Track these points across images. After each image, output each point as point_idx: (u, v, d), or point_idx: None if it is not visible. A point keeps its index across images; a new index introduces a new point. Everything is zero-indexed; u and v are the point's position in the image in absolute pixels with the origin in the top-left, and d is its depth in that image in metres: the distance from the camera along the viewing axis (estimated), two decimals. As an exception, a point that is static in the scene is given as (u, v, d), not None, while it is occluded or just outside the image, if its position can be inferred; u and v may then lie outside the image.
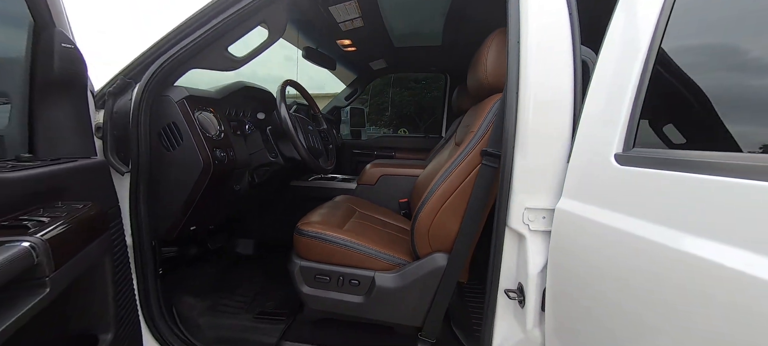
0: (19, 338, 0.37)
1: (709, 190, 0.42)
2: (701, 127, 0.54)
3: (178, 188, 0.95)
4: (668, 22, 0.54)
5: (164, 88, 0.92)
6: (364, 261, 1.01)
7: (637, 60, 0.57)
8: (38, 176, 0.51)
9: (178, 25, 0.87)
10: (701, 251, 0.40)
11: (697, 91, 0.53)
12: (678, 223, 0.45)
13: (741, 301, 0.36)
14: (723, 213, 0.40)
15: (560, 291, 0.67)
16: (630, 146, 0.56)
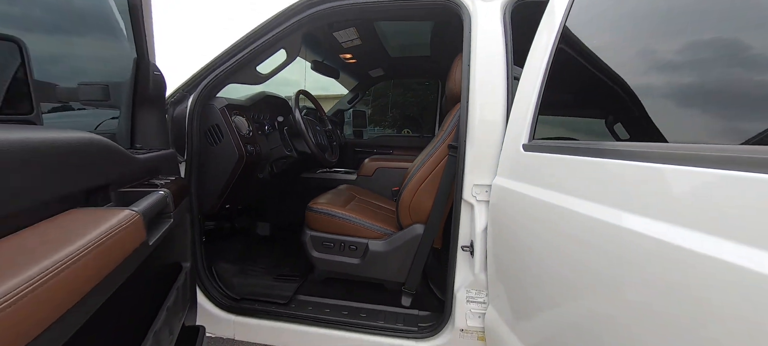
0: (154, 254, 0.66)
1: (572, 165, 0.68)
2: (571, 125, 0.82)
3: (218, 173, 1.25)
4: (554, 54, 0.82)
5: (210, 99, 1.22)
6: (360, 231, 1.30)
7: (538, 79, 0.85)
8: (150, 159, 0.80)
9: (221, 52, 1.17)
10: (574, 206, 0.62)
11: (569, 100, 0.81)
12: (557, 187, 0.71)
13: (590, 238, 0.59)
14: (583, 180, 0.65)
15: (495, 242, 0.95)
16: (531, 138, 0.84)
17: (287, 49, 1.25)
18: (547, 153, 0.77)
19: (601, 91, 0.74)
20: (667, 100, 0.57)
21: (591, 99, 0.77)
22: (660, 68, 0.61)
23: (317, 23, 1.19)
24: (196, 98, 1.15)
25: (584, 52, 0.76)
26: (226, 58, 1.16)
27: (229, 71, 1.17)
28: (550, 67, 0.82)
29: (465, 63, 1.02)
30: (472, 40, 1.02)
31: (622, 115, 0.69)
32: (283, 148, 1.51)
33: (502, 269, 0.92)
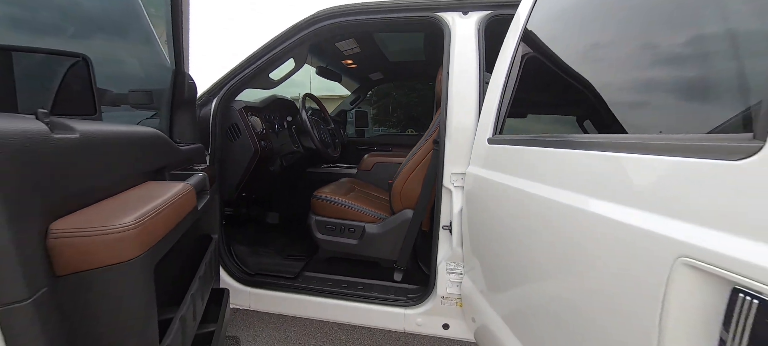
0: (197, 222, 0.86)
1: (521, 154, 0.87)
2: (528, 121, 1.01)
3: (236, 165, 1.46)
4: (512, 63, 1.01)
5: (230, 102, 1.43)
6: (357, 216, 1.50)
7: (500, 84, 1.03)
8: (188, 151, 1.01)
9: (239, 62, 1.37)
10: (524, 186, 0.81)
11: (525, 101, 0.99)
12: (512, 172, 0.90)
13: (532, 210, 0.80)
14: (528, 164, 0.84)
15: (468, 220, 1.14)
16: (495, 134, 1.03)
17: (295, 59, 1.45)
18: (504, 145, 0.96)
19: (548, 93, 0.92)
20: (595, 99, 0.76)
21: (540, 100, 0.96)
22: (591, 74, 0.79)
23: (321, 36, 1.39)
24: (218, 101, 1.36)
25: (536, 62, 0.95)
26: (244, 68, 1.36)
27: (246, 78, 1.38)
28: (509, 74, 1.01)
29: (444, 74, 1.21)
30: (450, 54, 1.21)
31: (566, 111, 0.88)
32: (291, 145, 1.72)
33: (474, 242, 1.11)
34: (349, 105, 3.00)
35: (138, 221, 0.45)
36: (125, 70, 1.23)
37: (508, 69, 1.01)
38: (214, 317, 1.05)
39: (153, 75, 1.21)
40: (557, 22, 0.91)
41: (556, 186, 0.70)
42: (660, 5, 0.62)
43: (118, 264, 0.42)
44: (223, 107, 1.38)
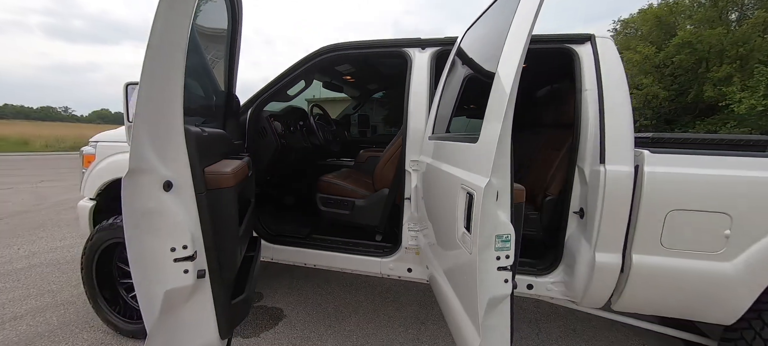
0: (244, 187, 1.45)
1: (435, 145, 1.42)
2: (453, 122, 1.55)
3: (264, 157, 2.04)
4: (442, 86, 1.55)
5: (260, 110, 2.01)
6: (350, 194, 2.06)
7: (436, 99, 1.57)
8: (238, 145, 1.60)
9: (265, 85, 1.96)
10: (435, 163, 1.41)
11: (448, 109, 1.53)
12: (433, 156, 1.45)
13: (438, 178, 1.36)
14: (437, 151, 1.40)
15: (419, 192, 1.68)
16: (430, 134, 1.56)
17: (305, 80, 2.03)
18: (432, 140, 1.50)
19: (455, 104, 1.46)
20: (466, 107, 1.30)
21: (452, 109, 1.49)
22: (466, 94, 1.33)
23: (324, 64, 1.96)
24: (252, 111, 1.95)
25: (451, 84, 1.49)
26: (268, 88, 1.95)
27: (270, 95, 1.97)
28: (440, 92, 1.55)
29: (406, 91, 1.76)
30: (411, 78, 1.76)
31: (459, 114, 1.42)
32: (302, 142, 2.30)
33: (422, 208, 1.65)
34: (351, 110, 3.57)
35: (232, 170, 1.02)
36: (197, 93, 1.84)
37: (441, 89, 1.55)
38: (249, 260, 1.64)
39: (213, 95, 1.82)
40: (460, 59, 1.45)
41: (443, 162, 1.25)
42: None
43: (225, 188, 0.98)
44: (255, 115, 1.97)
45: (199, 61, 1.52)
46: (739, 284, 1.38)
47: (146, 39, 0.78)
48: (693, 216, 1.38)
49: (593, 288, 1.53)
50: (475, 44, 1.44)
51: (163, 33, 0.76)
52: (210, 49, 1.69)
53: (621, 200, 1.44)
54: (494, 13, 1.37)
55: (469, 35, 1.56)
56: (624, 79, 1.52)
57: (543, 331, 2.28)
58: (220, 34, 1.59)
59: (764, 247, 1.34)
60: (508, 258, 0.86)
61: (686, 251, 1.41)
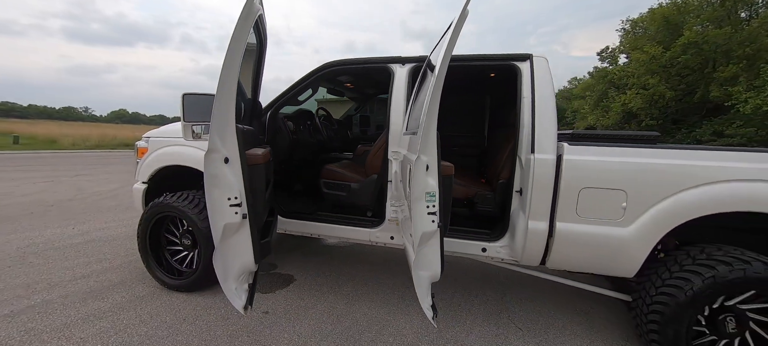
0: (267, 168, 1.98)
1: (407, 139, 1.93)
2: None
3: (279, 150, 2.58)
4: (414, 92, 2.04)
5: (277, 113, 2.55)
6: (346, 178, 2.57)
7: (409, 104, 2.07)
8: (261, 139, 2.12)
9: (280, 93, 2.49)
10: (403, 152, 1.90)
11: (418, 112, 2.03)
12: (406, 147, 1.95)
13: (407, 163, 1.86)
14: (405, 142, 1.90)
15: (398, 176, 2.18)
16: (404, 130, 2.06)
17: (312, 88, 2.55)
18: (405, 135, 2.00)
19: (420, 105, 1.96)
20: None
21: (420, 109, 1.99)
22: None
23: (326, 76, 2.47)
24: (270, 114, 2.48)
25: (421, 90, 1.98)
26: (283, 96, 2.48)
27: (284, 101, 2.50)
28: (413, 96, 2.04)
29: (389, 98, 2.26)
30: (393, 88, 2.26)
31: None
32: (309, 138, 2.82)
33: (399, 187, 2.15)
34: (353, 111, 4.09)
35: (263, 154, 1.53)
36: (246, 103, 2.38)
37: (413, 95, 2.05)
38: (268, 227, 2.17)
39: (244, 102, 2.36)
40: (424, 73, 1.94)
41: (408, 150, 1.74)
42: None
43: (258, 164, 1.50)
44: (272, 117, 2.51)
45: (244, 81, 2.05)
46: (634, 244, 1.83)
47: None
48: (599, 192, 1.84)
49: (528, 249, 2.00)
50: (432, 62, 1.94)
51: (229, 65, 1.29)
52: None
53: (546, 180, 1.91)
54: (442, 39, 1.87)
55: (433, 54, 2.05)
56: (551, 89, 1.99)
57: (507, 295, 2.75)
58: (250, 49, 2.13)
59: (651, 215, 1.79)
60: (434, 207, 1.34)
61: (595, 219, 1.87)
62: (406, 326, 2.26)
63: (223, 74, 1.27)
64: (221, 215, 1.33)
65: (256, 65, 2.09)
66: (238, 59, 1.29)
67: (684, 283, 1.72)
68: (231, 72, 1.28)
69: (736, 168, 1.69)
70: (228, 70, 1.27)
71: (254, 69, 2.13)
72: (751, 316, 1.75)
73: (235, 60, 1.28)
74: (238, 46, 1.29)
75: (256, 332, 2.13)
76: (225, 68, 1.26)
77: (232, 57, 1.28)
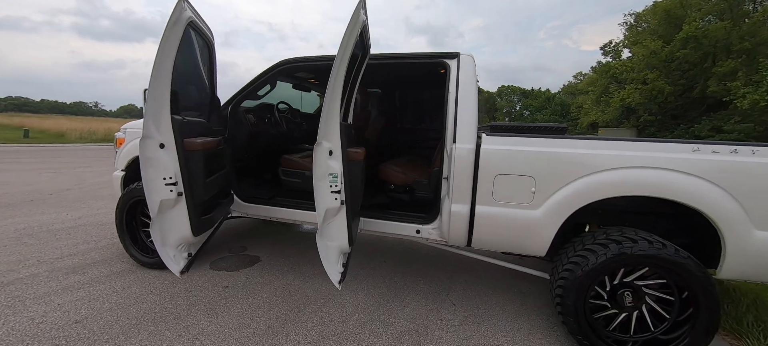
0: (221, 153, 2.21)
1: None
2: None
3: (241, 141, 2.82)
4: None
5: (237, 107, 2.78)
6: (302, 167, 2.80)
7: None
8: (218, 131, 2.36)
9: (241, 88, 2.72)
10: None
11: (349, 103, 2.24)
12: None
13: None
14: None
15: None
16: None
17: (270, 84, 2.77)
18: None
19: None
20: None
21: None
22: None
23: (285, 73, 2.69)
24: (231, 107, 2.72)
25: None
26: (242, 90, 2.71)
27: (244, 96, 2.73)
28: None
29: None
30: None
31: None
32: (270, 130, 3.06)
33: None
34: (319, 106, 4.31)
35: (201, 142, 1.77)
36: (192, 97, 2.62)
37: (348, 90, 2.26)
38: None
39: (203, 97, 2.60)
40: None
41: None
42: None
43: (195, 151, 1.73)
44: (233, 110, 2.74)
45: (193, 78, 2.28)
46: (543, 225, 2.04)
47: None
48: (511, 178, 2.05)
49: (452, 230, 2.21)
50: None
51: (159, 63, 1.51)
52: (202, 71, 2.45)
53: (466, 168, 2.11)
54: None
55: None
56: (473, 85, 2.18)
57: (454, 277, 2.97)
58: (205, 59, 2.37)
59: (556, 199, 1.99)
60: (337, 186, 1.57)
61: (509, 202, 2.08)
62: (348, 300, 2.49)
63: (155, 69, 1.49)
64: (157, 192, 1.57)
65: (209, 63, 2.32)
66: (169, 57, 1.50)
67: (582, 259, 1.92)
68: (163, 68, 1.50)
69: (626, 156, 1.88)
70: (160, 66, 1.49)
71: (208, 67, 2.36)
72: (646, 292, 1.95)
73: (166, 58, 1.50)
74: (169, 46, 1.50)
75: (212, 303, 2.39)
76: (157, 64, 1.49)
77: (164, 55, 1.49)
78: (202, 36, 2.09)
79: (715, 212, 1.75)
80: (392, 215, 2.42)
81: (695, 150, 1.82)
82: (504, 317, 2.37)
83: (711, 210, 1.75)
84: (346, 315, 2.30)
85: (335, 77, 1.54)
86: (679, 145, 1.85)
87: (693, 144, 1.83)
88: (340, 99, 1.58)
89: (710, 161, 1.78)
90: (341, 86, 1.56)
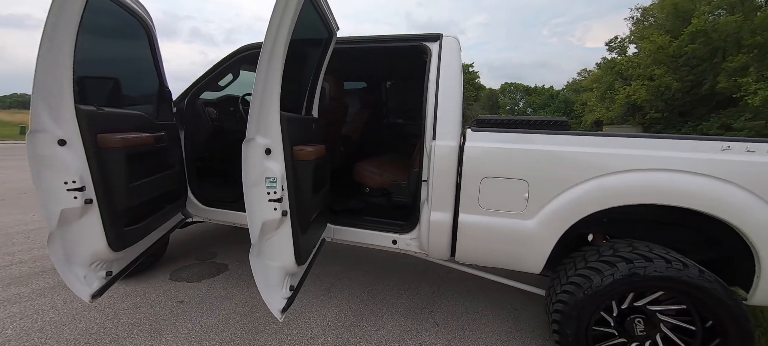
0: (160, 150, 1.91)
1: None
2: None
3: (200, 137, 2.51)
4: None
5: (195, 99, 2.47)
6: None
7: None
8: (163, 125, 2.06)
9: (202, 75, 2.41)
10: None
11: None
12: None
13: None
14: None
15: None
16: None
17: (232, 73, 2.46)
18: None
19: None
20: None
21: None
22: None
23: (246, 60, 2.37)
24: (188, 99, 2.41)
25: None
26: (200, 80, 2.40)
27: (202, 86, 2.41)
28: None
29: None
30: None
31: None
32: (234, 125, 2.75)
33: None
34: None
35: (123, 137, 1.47)
36: (135, 86, 2.31)
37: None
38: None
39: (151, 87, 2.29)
40: None
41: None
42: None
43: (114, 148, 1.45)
44: (191, 103, 2.43)
45: (123, 63, 1.96)
46: (537, 238, 1.71)
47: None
48: (500, 182, 1.72)
49: (433, 242, 1.90)
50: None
51: (53, 35, 1.18)
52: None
53: (448, 169, 1.79)
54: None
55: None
56: (457, 70, 1.85)
57: (440, 289, 2.66)
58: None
59: (554, 208, 1.67)
60: (276, 193, 1.25)
61: (498, 210, 1.75)
62: (316, 319, 2.19)
63: (48, 44, 1.15)
64: (56, 199, 1.27)
65: (150, 48, 2.01)
66: (67, 28, 1.16)
67: (584, 281, 1.60)
68: (58, 42, 1.16)
69: (640, 156, 1.55)
70: (54, 38, 1.15)
71: (152, 60, 2.05)
72: (662, 318, 1.63)
73: (64, 29, 1.16)
74: (66, 13, 1.16)
75: (160, 321, 2.10)
76: (49, 35, 1.14)
77: (59, 25, 1.14)
78: (132, 14, 1.78)
79: (750, 226, 1.42)
80: (366, 222, 2.11)
81: (725, 149, 1.49)
82: (493, 341, 2.06)
83: (745, 224, 1.43)
84: (312, 338, 2.00)
85: (271, 53, 1.22)
86: (704, 142, 1.52)
87: (722, 142, 1.49)
88: (278, 79, 1.26)
89: (744, 163, 1.45)
90: (281, 62, 1.24)
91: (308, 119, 1.86)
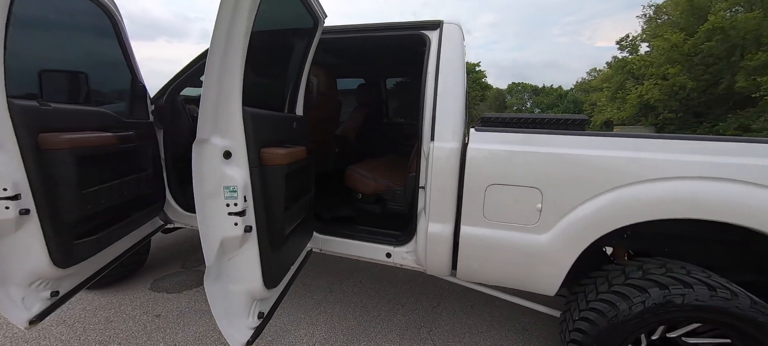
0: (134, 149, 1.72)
1: None
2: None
3: (181, 136, 2.31)
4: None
5: (175, 95, 2.28)
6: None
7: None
8: (134, 123, 1.87)
9: (181, 69, 2.21)
10: None
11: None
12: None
13: None
14: None
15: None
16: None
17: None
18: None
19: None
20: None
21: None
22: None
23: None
24: (167, 96, 2.22)
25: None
26: (179, 76, 2.20)
27: (182, 81, 2.22)
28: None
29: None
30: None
31: None
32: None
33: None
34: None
35: (69, 137, 1.28)
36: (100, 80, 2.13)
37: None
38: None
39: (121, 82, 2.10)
40: None
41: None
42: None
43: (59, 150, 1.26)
44: (170, 100, 2.24)
45: (94, 59, 1.78)
46: (552, 255, 1.47)
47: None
48: (509, 190, 1.48)
49: (430, 256, 1.67)
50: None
51: None
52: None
53: (448, 174, 1.56)
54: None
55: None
56: (459, 62, 1.62)
57: (441, 305, 2.42)
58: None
59: (572, 220, 1.42)
60: (238, 205, 1.04)
61: (506, 223, 1.52)
62: (303, 339, 1.98)
63: None
64: (-19, 209, 1.08)
65: (118, 39, 1.82)
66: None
67: (608, 307, 1.36)
68: None
69: (680, 162, 1.30)
70: None
71: (123, 54, 1.86)
72: (699, 351, 1.37)
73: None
74: None
75: (132, 338, 1.91)
76: None
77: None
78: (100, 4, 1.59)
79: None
80: (357, 232, 1.89)
81: (786, 154, 1.23)
82: (499, 369, 1.82)
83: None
84: (296, 361, 1.79)
85: (228, 32, 1.02)
86: (757, 146, 1.26)
87: (781, 145, 1.24)
88: (239, 64, 1.04)
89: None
90: (242, 42, 1.03)
91: (286, 117, 1.65)
